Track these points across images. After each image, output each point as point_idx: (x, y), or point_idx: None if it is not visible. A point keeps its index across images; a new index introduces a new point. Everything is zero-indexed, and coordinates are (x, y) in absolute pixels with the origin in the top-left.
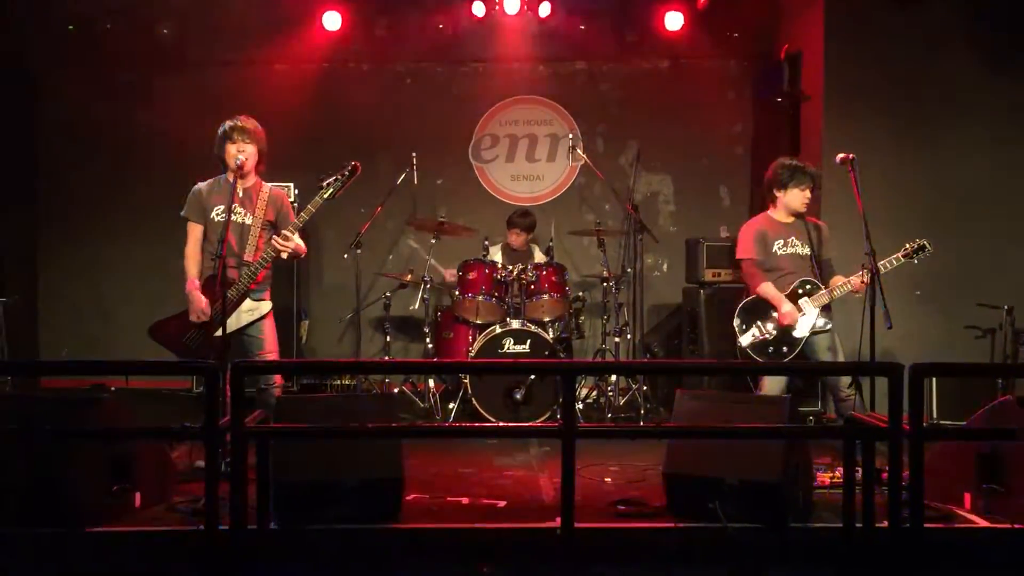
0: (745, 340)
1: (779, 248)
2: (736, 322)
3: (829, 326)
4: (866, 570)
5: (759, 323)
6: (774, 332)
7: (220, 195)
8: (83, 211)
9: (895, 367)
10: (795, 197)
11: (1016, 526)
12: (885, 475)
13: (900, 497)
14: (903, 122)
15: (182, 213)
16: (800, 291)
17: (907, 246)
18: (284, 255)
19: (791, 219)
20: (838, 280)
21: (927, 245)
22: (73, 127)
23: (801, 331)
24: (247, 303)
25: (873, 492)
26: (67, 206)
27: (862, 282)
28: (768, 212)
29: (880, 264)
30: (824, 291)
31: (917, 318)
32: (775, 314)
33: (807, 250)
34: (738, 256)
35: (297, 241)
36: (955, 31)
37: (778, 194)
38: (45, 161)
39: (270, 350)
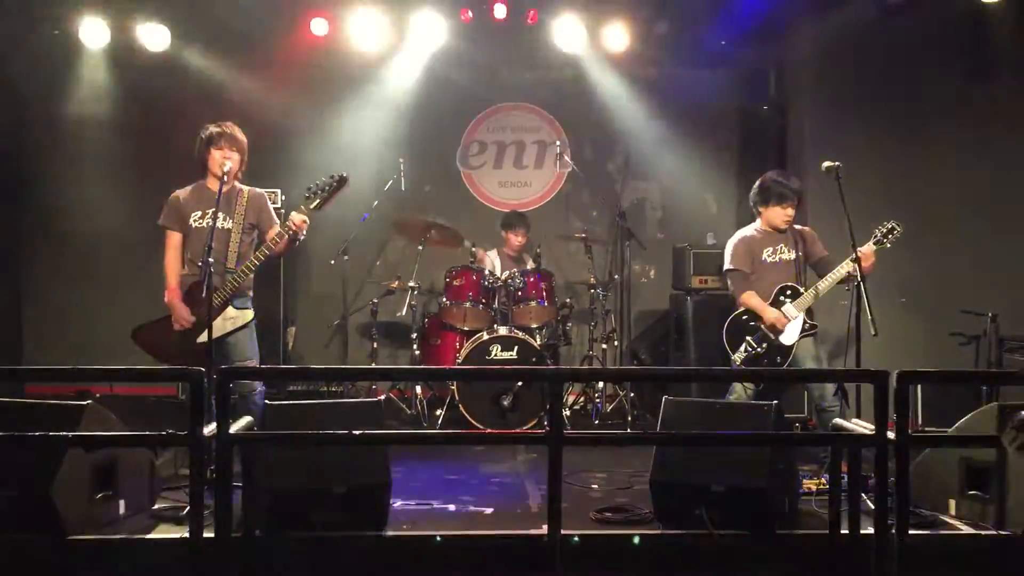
0: (739, 357)
1: (768, 255)
2: (725, 340)
3: (814, 331)
4: None
5: (748, 338)
6: (764, 345)
7: (199, 201)
8: (67, 216)
9: (881, 374)
10: (776, 215)
11: (1000, 532)
12: (871, 482)
13: (886, 504)
14: (888, 130)
15: (159, 222)
16: (781, 297)
17: (876, 232)
18: (302, 235)
19: (776, 232)
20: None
21: (896, 226)
22: (58, 131)
23: (789, 338)
24: (230, 310)
25: (859, 499)
26: (51, 211)
27: (854, 262)
28: (756, 224)
29: (857, 252)
30: (806, 293)
31: (902, 325)
32: (762, 326)
33: (793, 255)
34: (725, 267)
35: (304, 217)
36: (938, 41)
37: (761, 210)
38: (29, 166)
39: (250, 360)
